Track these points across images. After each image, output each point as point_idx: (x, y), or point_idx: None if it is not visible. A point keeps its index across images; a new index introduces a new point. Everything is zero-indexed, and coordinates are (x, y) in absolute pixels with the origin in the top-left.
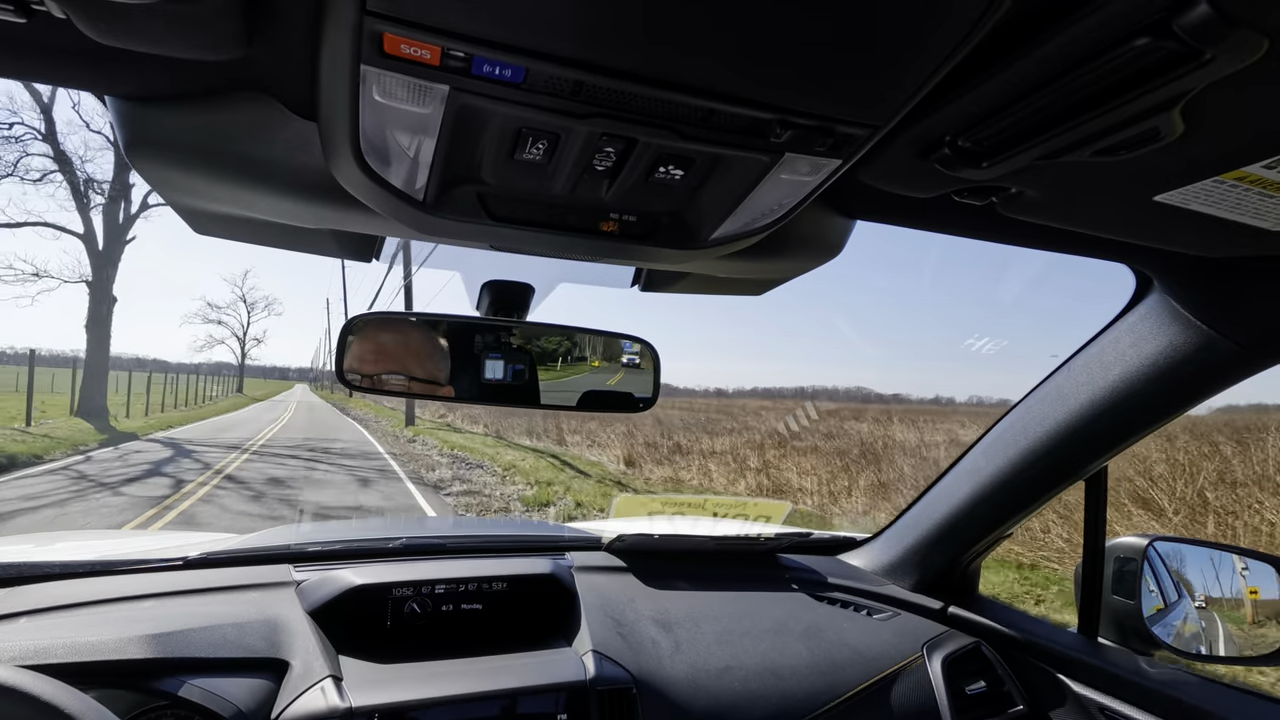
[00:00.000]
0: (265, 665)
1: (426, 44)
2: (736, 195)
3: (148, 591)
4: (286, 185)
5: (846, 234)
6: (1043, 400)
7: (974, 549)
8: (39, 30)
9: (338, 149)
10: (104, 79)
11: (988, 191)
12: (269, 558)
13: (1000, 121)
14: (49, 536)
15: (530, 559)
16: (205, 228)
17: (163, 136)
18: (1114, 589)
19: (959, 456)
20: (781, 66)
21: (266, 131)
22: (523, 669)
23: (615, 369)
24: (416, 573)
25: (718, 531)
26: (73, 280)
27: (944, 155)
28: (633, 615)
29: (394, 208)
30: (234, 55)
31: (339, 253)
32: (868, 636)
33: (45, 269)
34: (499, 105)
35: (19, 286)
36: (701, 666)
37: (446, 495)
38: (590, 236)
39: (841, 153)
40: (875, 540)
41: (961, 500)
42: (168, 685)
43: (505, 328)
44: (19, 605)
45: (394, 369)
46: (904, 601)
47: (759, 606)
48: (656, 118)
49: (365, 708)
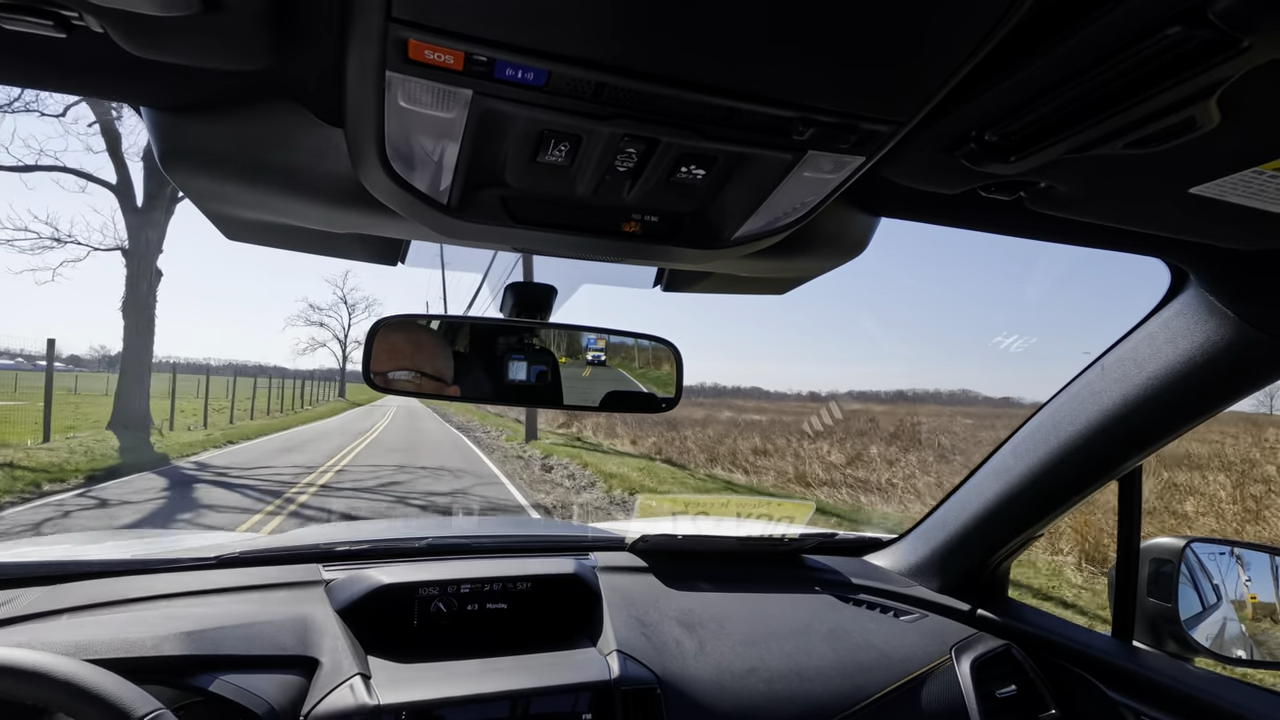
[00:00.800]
0: (296, 662)
1: (450, 49)
2: (759, 194)
3: (182, 590)
4: (315, 191)
5: (870, 231)
6: (1074, 398)
7: (1003, 550)
8: (78, 45)
9: (364, 155)
10: (140, 91)
11: (1015, 186)
12: (299, 557)
13: (1028, 115)
14: (88, 536)
15: (554, 559)
16: (237, 234)
17: (196, 146)
18: (1149, 591)
19: (987, 456)
20: (804, 64)
21: (295, 139)
22: (547, 668)
23: (581, 365)
24: (442, 572)
25: (741, 532)
26: (106, 247)
27: (970, 150)
28: (656, 615)
29: (419, 212)
30: (263, 65)
31: (365, 257)
32: (894, 638)
33: (70, 232)
34: (521, 108)
35: (37, 256)
36: (726, 668)
37: None
38: (612, 238)
39: (865, 150)
40: (901, 541)
41: (990, 500)
42: (202, 681)
43: (528, 329)
44: (60, 603)
45: (416, 369)
46: (931, 603)
47: (784, 607)
48: (678, 118)
49: (393, 705)
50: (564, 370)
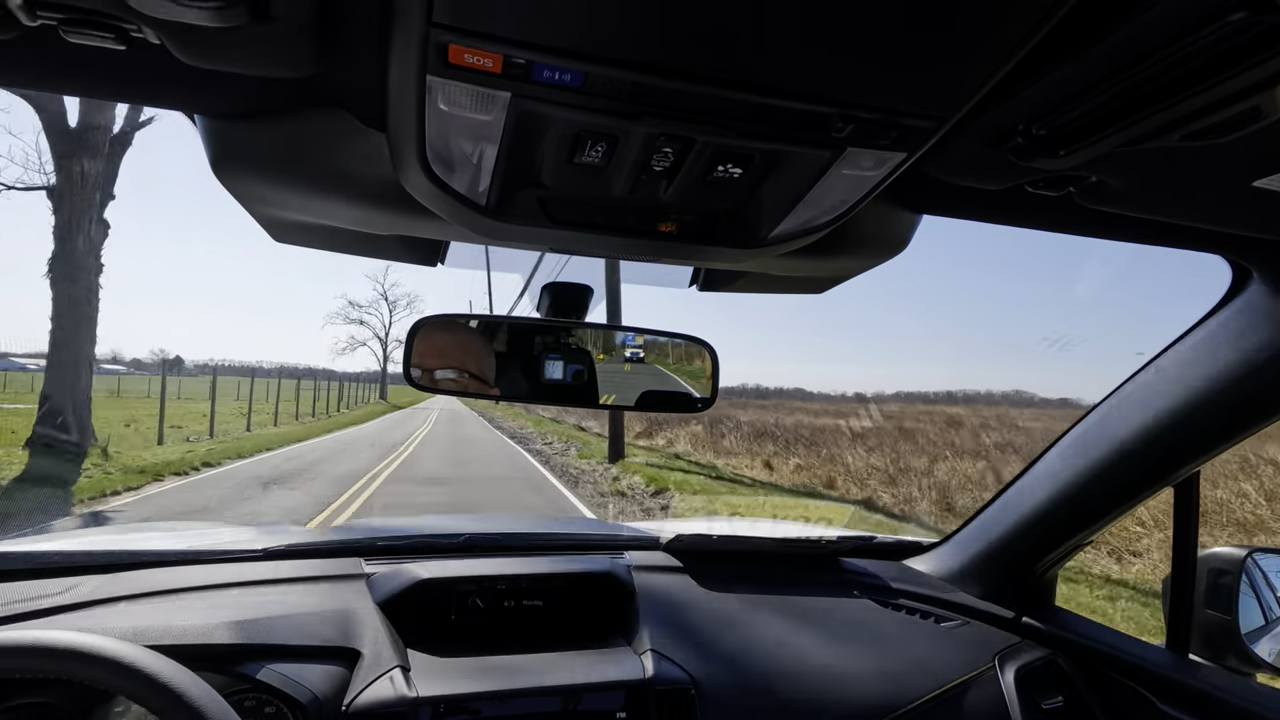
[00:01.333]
0: (338, 653)
1: (489, 53)
2: (797, 192)
3: (231, 580)
4: (358, 194)
5: (912, 229)
6: (1128, 400)
7: (1049, 557)
8: (136, 57)
9: (405, 158)
10: (193, 99)
11: (1065, 181)
12: (342, 550)
13: (1079, 107)
14: (143, 527)
15: (589, 558)
16: (284, 236)
17: (245, 151)
18: (1207, 603)
19: (1033, 460)
20: (843, 59)
21: (339, 143)
22: (582, 666)
23: (619, 362)
24: (480, 569)
25: (777, 533)
26: (25, 187)
27: (1017, 145)
28: (691, 616)
29: (458, 213)
30: (309, 72)
31: (406, 257)
32: (935, 645)
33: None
34: (558, 110)
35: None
36: (761, 670)
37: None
38: (648, 237)
39: (907, 146)
40: (943, 546)
41: (1036, 505)
42: (249, 669)
43: (565, 328)
44: (118, 590)
45: (455, 368)
46: (974, 610)
47: (820, 611)
48: (715, 116)
49: (431, 698)
50: (601, 368)
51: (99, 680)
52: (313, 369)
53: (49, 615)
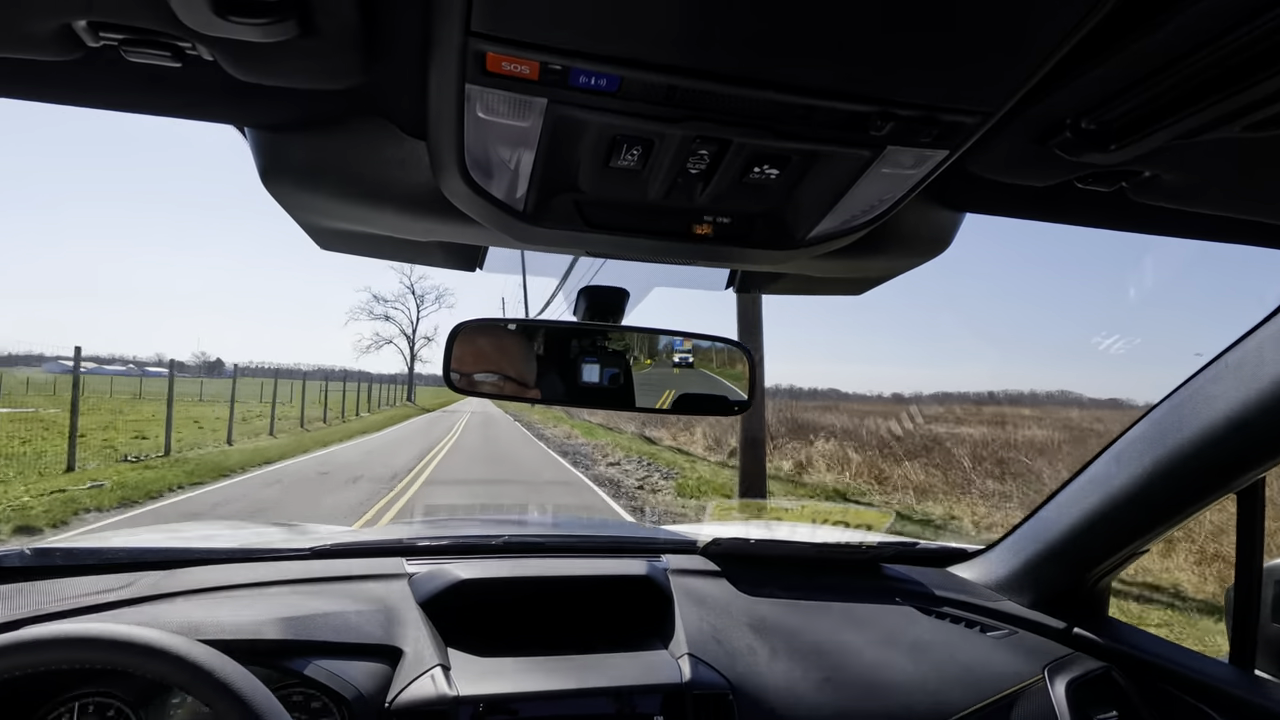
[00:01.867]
0: (381, 651)
1: (526, 60)
2: (835, 192)
3: (279, 578)
4: (399, 201)
5: (954, 228)
6: (1186, 402)
7: (1102, 565)
8: (191, 73)
9: (445, 165)
10: (244, 113)
11: (1116, 176)
12: (385, 550)
13: (1131, 99)
14: (196, 525)
15: (626, 560)
16: (329, 243)
17: (293, 162)
18: (1275, 616)
19: (1084, 464)
20: (882, 56)
21: (381, 152)
22: (620, 668)
23: (667, 367)
24: (518, 570)
25: (817, 538)
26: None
27: (1065, 140)
28: (729, 620)
29: (496, 219)
30: (353, 83)
31: (446, 263)
32: (981, 654)
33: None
34: (594, 114)
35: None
36: (800, 676)
37: None
38: (684, 240)
39: (948, 143)
40: (988, 553)
41: (1088, 512)
42: (297, 665)
43: (601, 331)
44: (174, 586)
45: (493, 371)
46: (1022, 619)
47: (861, 617)
48: (750, 117)
49: (471, 697)
50: (645, 374)
51: (158, 673)
52: (348, 371)
53: (111, 609)
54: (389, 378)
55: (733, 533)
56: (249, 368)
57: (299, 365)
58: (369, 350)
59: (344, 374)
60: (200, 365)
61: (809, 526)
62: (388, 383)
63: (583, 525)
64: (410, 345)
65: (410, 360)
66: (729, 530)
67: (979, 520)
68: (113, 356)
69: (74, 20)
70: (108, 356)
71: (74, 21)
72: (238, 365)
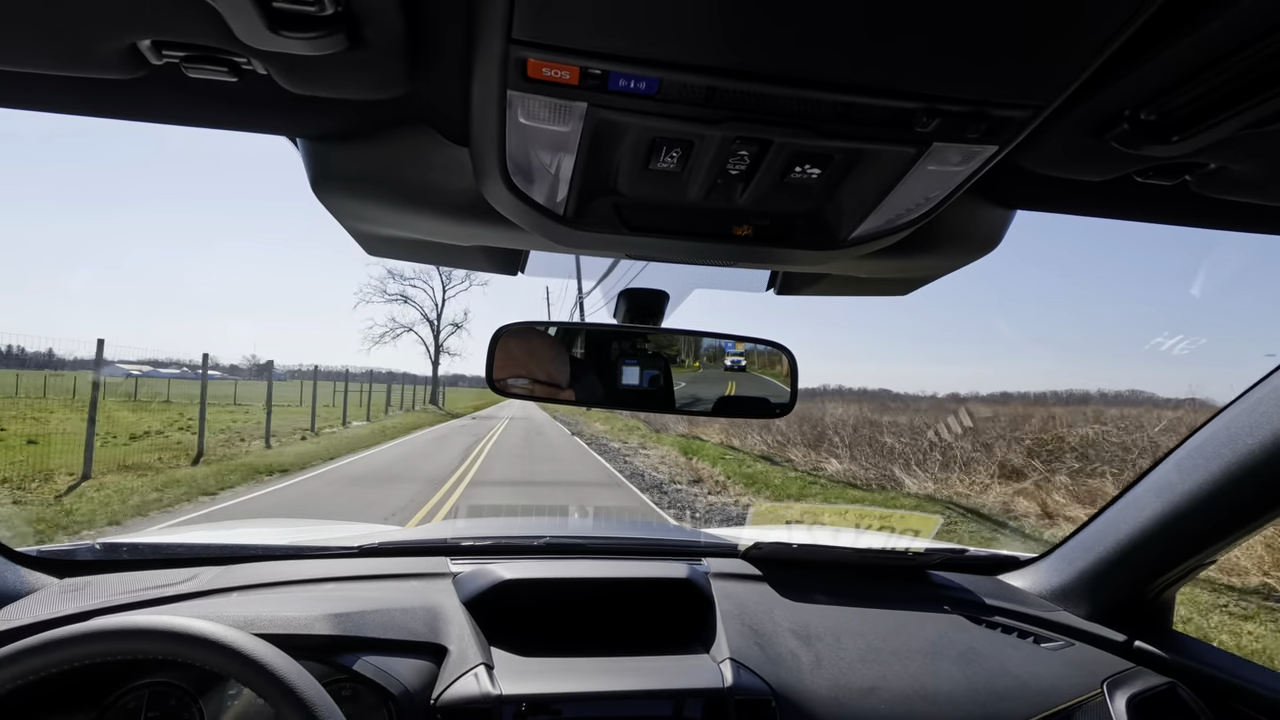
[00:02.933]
0: (426, 649)
1: (566, 65)
2: (879, 191)
3: (329, 575)
4: (443, 207)
5: (1004, 226)
6: (1259, 406)
7: (1166, 576)
8: (247, 88)
9: (487, 171)
10: (296, 124)
11: (1179, 169)
12: (429, 550)
13: (1194, 88)
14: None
15: (667, 563)
16: (376, 249)
17: (342, 170)
18: None
19: (1145, 470)
20: (927, 51)
21: (425, 159)
22: (661, 671)
23: (720, 372)
24: (559, 571)
25: (861, 543)
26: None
27: (1123, 132)
28: (770, 626)
29: (537, 223)
30: (399, 92)
31: (488, 267)
32: (1036, 666)
33: None
34: (634, 117)
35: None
36: (844, 684)
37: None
38: (725, 241)
39: (998, 138)
40: (1042, 561)
41: (1151, 520)
42: (346, 660)
43: (641, 334)
44: (231, 581)
45: (535, 375)
46: (1079, 631)
47: (908, 625)
48: (791, 116)
49: (514, 696)
50: (695, 377)
51: (216, 665)
52: (393, 373)
53: (174, 602)
54: (424, 379)
55: (774, 537)
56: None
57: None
58: (383, 340)
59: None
60: (251, 368)
61: (852, 531)
62: (422, 384)
63: (623, 527)
64: (435, 333)
65: (435, 352)
66: (770, 534)
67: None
68: (169, 360)
69: (139, 40)
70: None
71: (139, 41)
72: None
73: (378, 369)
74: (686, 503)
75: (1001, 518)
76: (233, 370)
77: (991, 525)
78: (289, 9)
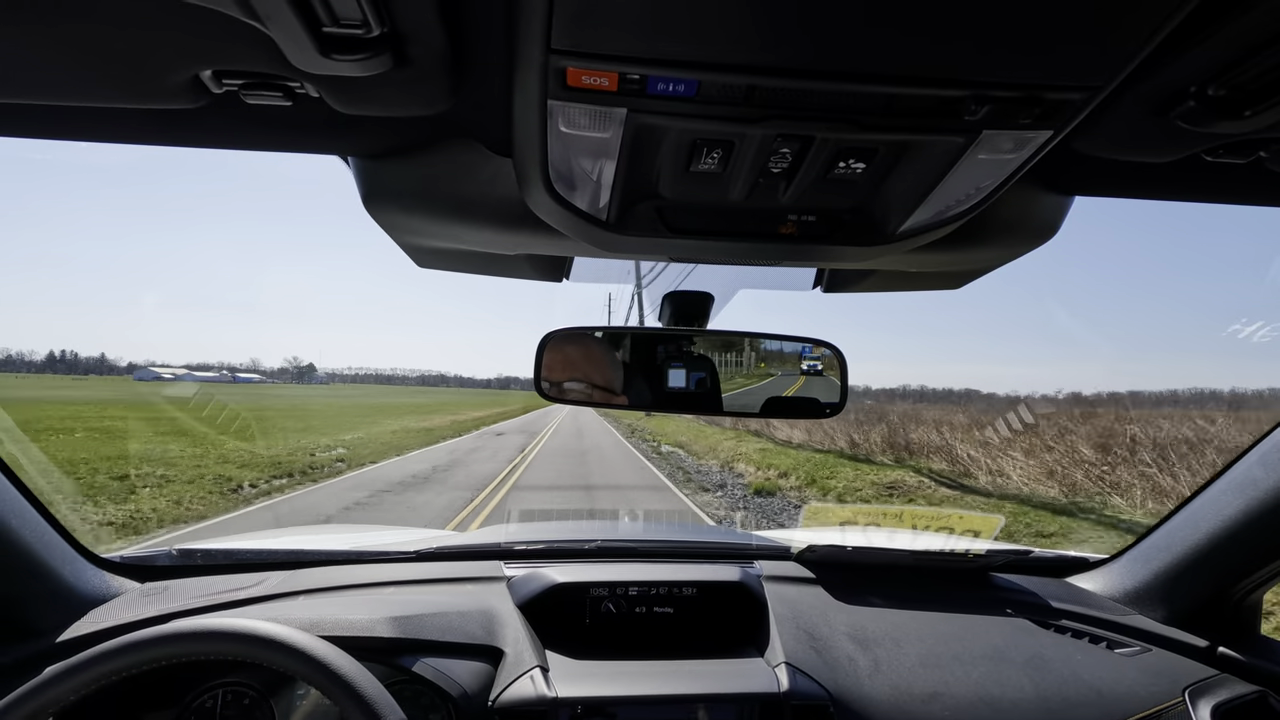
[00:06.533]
0: (483, 651)
1: (605, 72)
2: (927, 183)
3: (388, 579)
4: (489, 217)
5: (1062, 213)
6: None
7: (1251, 578)
8: (300, 111)
9: (530, 180)
10: (348, 143)
11: (1252, 146)
12: (484, 554)
13: (1267, 59)
14: (312, 529)
15: (719, 566)
16: (426, 262)
17: (391, 186)
18: None
19: (1224, 467)
20: (973, 37)
21: (470, 171)
22: (715, 675)
23: (794, 374)
24: (612, 574)
25: (918, 545)
26: None
27: (1189, 109)
28: (826, 629)
29: (580, 229)
30: (443, 108)
31: (533, 275)
32: (1109, 673)
33: None
34: (674, 120)
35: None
36: (905, 690)
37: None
38: (769, 240)
39: (1052, 123)
40: (1114, 562)
41: (1232, 518)
42: (406, 662)
43: (687, 337)
44: (297, 585)
45: (582, 379)
46: (1156, 636)
47: (970, 629)
48: (834, 111)
49: (570, 699)
50: (771, 384)
51: (286, 667)
52: (444, 376)
53: (245, 605)
54: (483, 383)
55: (827, 539)
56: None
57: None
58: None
59: (440, 379)
60: (292, 370)
61: (909, 533)
62: (481, 387)
63: (674, 530)
64: None
65: None
66: (823, 536)
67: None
68: (202, 364)
69: (201, 70)
70: (198, 364)
71: (201, 71)
72: (355, 373)
73: (427, 372)
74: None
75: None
76: (279, 373)
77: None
78: (338, 33)
